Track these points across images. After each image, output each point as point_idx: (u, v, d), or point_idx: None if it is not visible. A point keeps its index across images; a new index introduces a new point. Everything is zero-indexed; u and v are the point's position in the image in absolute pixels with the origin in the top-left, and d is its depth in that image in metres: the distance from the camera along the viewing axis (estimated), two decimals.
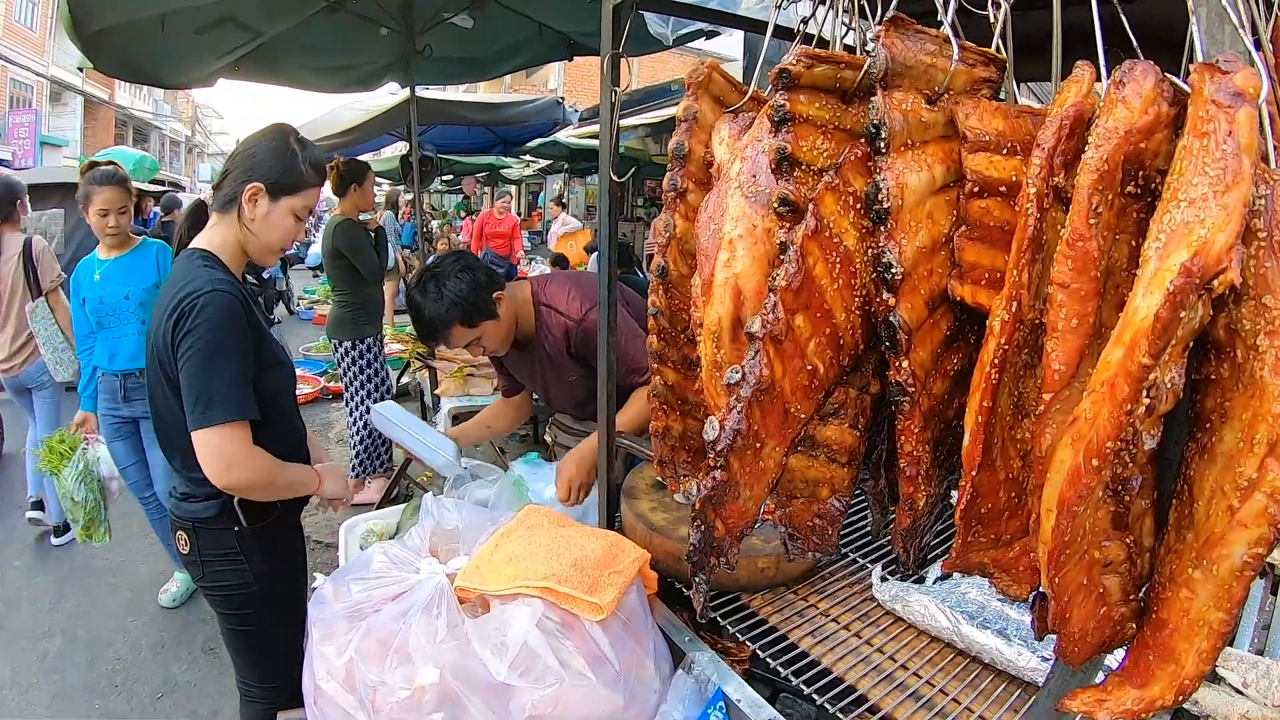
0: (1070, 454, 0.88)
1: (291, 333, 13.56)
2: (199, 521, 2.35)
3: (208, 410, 2.13)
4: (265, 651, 2.53)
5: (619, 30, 1.93)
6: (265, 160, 2.34)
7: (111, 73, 5.39)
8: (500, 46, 6.85)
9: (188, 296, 2.15)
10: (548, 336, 3.20)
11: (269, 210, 2.35)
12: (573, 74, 25.27)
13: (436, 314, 2.98)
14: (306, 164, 2.41)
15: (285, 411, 2.52)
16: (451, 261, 3.04)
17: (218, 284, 2.18)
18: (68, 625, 4.64)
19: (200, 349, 2.14)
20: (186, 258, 2.33)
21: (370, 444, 6.08)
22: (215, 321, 2.15)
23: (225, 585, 2.42)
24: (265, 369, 2.32)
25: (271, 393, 2.35)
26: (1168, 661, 0.99)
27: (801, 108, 1.16)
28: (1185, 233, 0.81)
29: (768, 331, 1.07)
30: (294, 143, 2.40)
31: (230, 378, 2.16)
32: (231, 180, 2.34)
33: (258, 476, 2.24)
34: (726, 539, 1.18)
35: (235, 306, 2.19)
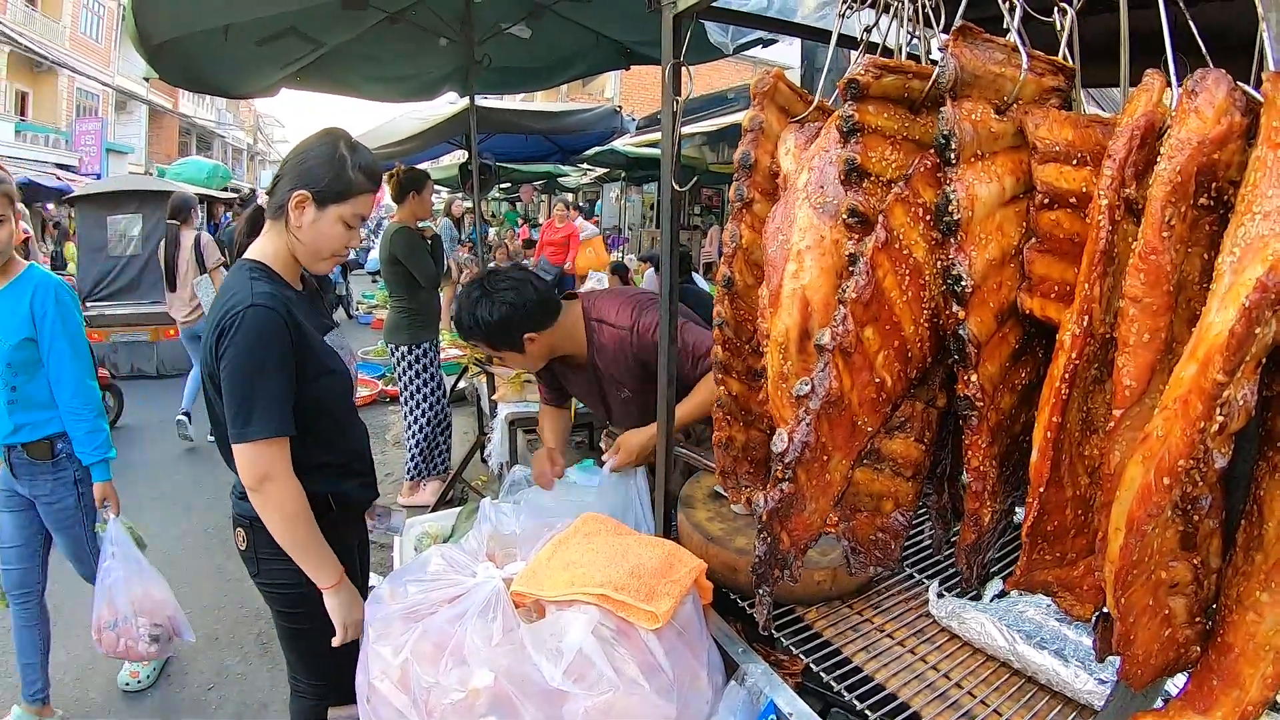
0: (1141, 472, 0.86)
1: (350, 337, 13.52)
2: (256, 519, 2.32)
3: (246, 427, 2.15)
4: (316, 649, 2.51)
5: (679, 39, 1.93)
6: (314, 167, 2.31)
7: (176, 83, 5.49)
8: (558, 56, 6.88)
9: (230, 311, 2.16)
10: (601, 353, 3.18)
11: (316, 218, 2.31)
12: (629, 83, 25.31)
13: (465, 323, 3.05)
14: (357, 170, 2.35)
15: (339, 420, 2.51)
16: (506, 287, 3.02)
17: (259, 298, 2.18)
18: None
19: (239, 365, 2.15)
20: (237, 268, 2.33)
21: (426, 447, 6.15)
22: (254, 337, 2.15)
23: (279, 583, 2.43)
24: (314, 379, 2.31)
25: (320, 402, 2.35)
26: (1232, 687, 0.97)
27: (870, 118, 1.15)
28: (1260, 246, 0.80)
29: (838, 344, 1.06)
30: (344, 148, 2.35)
31: (267, 394, 2.17)
32: (282, 187, 2.33)
33: (288, 502, 2.23)
34: (791, 551, 1.17)
35: (275, 320, 2.18)
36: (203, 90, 5.87)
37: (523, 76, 7.49)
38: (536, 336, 3.05)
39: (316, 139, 2.38)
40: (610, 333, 3.13)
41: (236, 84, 5.84)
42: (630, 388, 3.18)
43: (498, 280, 3.04)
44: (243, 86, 5.98)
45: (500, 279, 3.05)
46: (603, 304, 3.22)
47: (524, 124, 10.33)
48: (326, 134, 2.40)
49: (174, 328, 9.63)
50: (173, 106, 39.12)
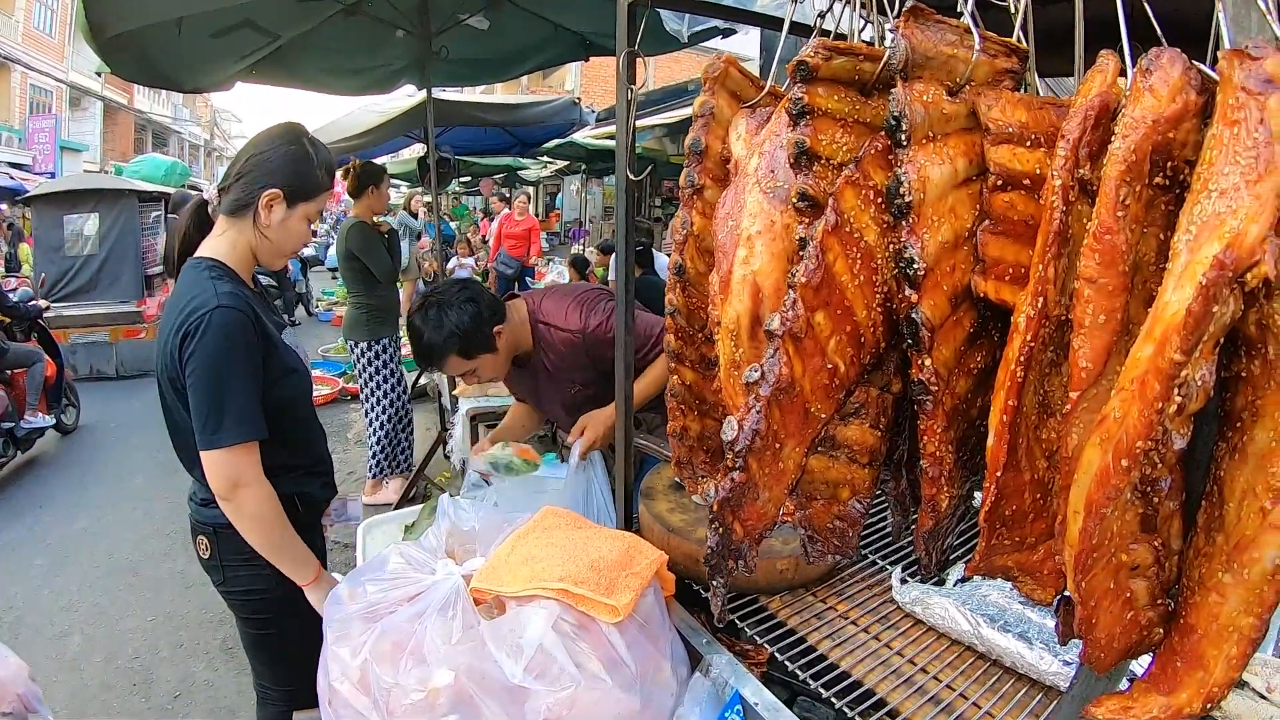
0: (1099, 454, 0.85)
1: (311, 334, 13.71)
2: (219, 526, 2.31)
3: (217, 432, 2.12)
4: (282, 655, 2.51)
5: (634, 28, 1.91)
6: (282, 166, 2.29)
7: (129, 77, 5.40)
8: (516, 47, 6.84)
9: (194, 313, 2.11)
10: (547, 353, 3.21)
11: (285, 216, 2.30)
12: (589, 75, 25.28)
13: (434, 342, 2.96)
14: (321, 168, 2.37)
15: (303, 420, 2.49)
16: (456, 291, 3.01)
17: (224, 299, 2.14)
18: (86, 624, 4.68)
19: (207, 368, 2.11)
20: (193, 267, 2.27)
21: (388, 444, 6.11)
22: (221, 339, 2.12)
23: (244, 589, 2.40)
24: (278, 379, 2.29)
25: (286, 401, 2.33)
26: (1195, 668, 0.96)
27: (820, 100, 1.14)
28: (1217, 224, 0.78)
29: (787, 329, 1.04)
30: (309, 146, 2.35)
31: (237, 397, 2.14)
32: (245, 184, 2.28)
33: (263, 506, 2.21)
34: (745, 542, 1.15)
35: (242, 321, 2.16)
36: (157, 85, 5.77)
37: (481, 68, 7.44)
38: (503, 329, 3.05)
39: (277, 136, 2.35)
40: (560, 335, 3.17)
41: (191, 78, 5.74)
42: (582, 381, 3.20)
43: (444, 290, 3.03)
44: (198, 80, 5.88)
45: (444, 290, 3.04)
46: (548, 306, 3.23)
47: (483, 116, 10.29)
48: (288, 130, 2.38)
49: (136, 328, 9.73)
50: (128, 102, 38.53)
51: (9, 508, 6.37)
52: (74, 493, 6.64)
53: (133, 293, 11.28)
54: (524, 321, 3.21)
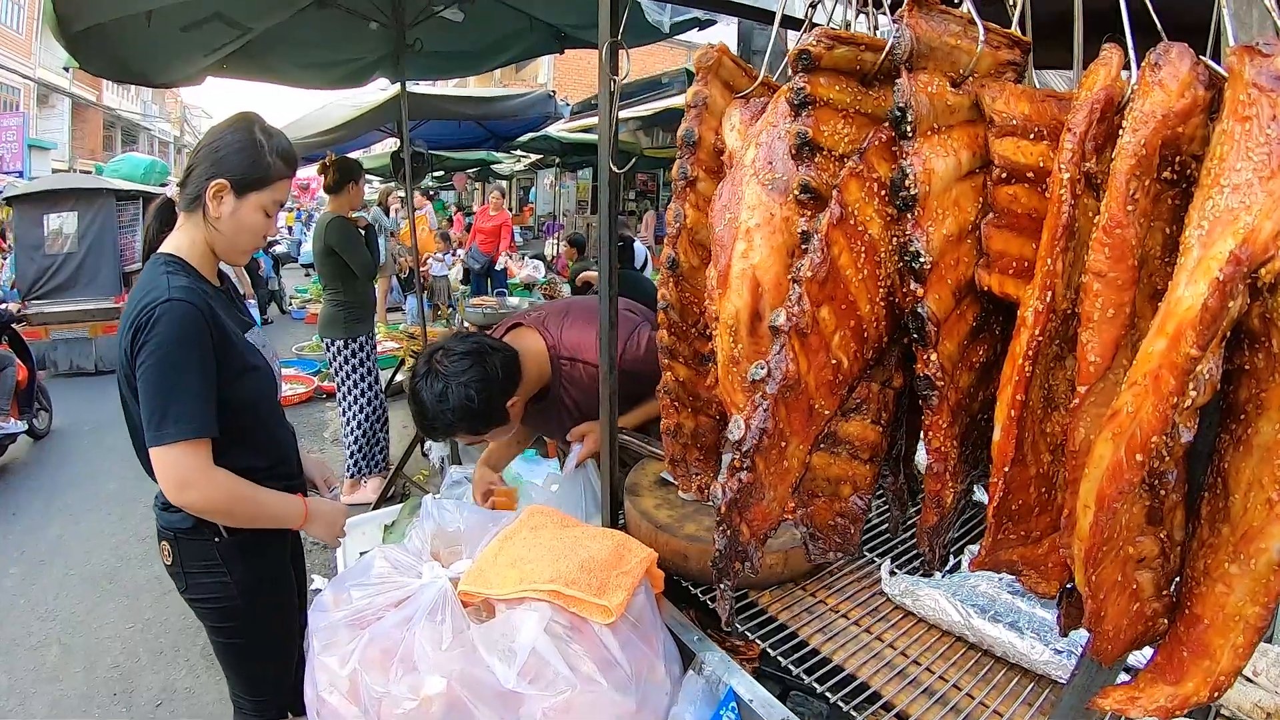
0: (1110, 449, 0.84)
1: (284, 332, 13.60)
2: (179, 532, 2.27)
3: (161, 428, 2.05)
4: (252, 664, 2.46)
5: (617, 18, 1.89)
6: (230, 155, 2.22)
7: (98, 72, 5.31)
8: (490, 40, 6.81)
9: (145, 307, 2.05)
10: (571, 387, 2.92)
11: (236, 207, 2.23)
12: (563, 67, 25.19)
13: (439, 422, 2.64)
14: (274, 155, 2.28)
15: (266, 420, 2.41)
16: (468, 366, 2.58)
17: (176, 292, 2.07)
18: (64, 633, 4.62)
19: (156, 362, 2.04)
20: (151, 264, 2.21)
21: (366, 443, 6.06)
22: (172, 333, 2.05)
23: (208, 597, 2.34)
24: (235, 377, 2.21)
25: (244, 401, 2.26)
26: (1202, 657, 0.96)
27: (822, 90, 1.12)
28: (1230, 219, 0.78)
29: (793, 325, 1.03)
30: (259, 133, 2.27)
31: (187, 393, 2.07)
32: (196, 177, 2.22)
33: (216, 499, 2.14)
34: (752, 543, 1.14)
35: (195, 316, 2.08)
36: (126, 80, 5.69)
37: (455, 61, 7.41)
38: (517, 398, 2.74)
39: (229, 125, 2.29)
40: (588, 371, 2.85)
41: (161, 72, 5.67)
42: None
43: (453, 361, 2.61)
44: (167, 75, 5.80)
45: (454, 358, 2.61)
46: (571, 338, 2.91)
47: (456, 110, 10.20)
48: (240, 119, 2.31)
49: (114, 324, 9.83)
50: (96, 99, 38.11)
51: None
52: (47, 499, 6.55)
53: (111, 289, 11.35)
54: (541, 359, 2.88)
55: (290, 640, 2.46)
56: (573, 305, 3.14)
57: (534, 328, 2.97)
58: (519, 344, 2.86)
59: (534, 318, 3.05)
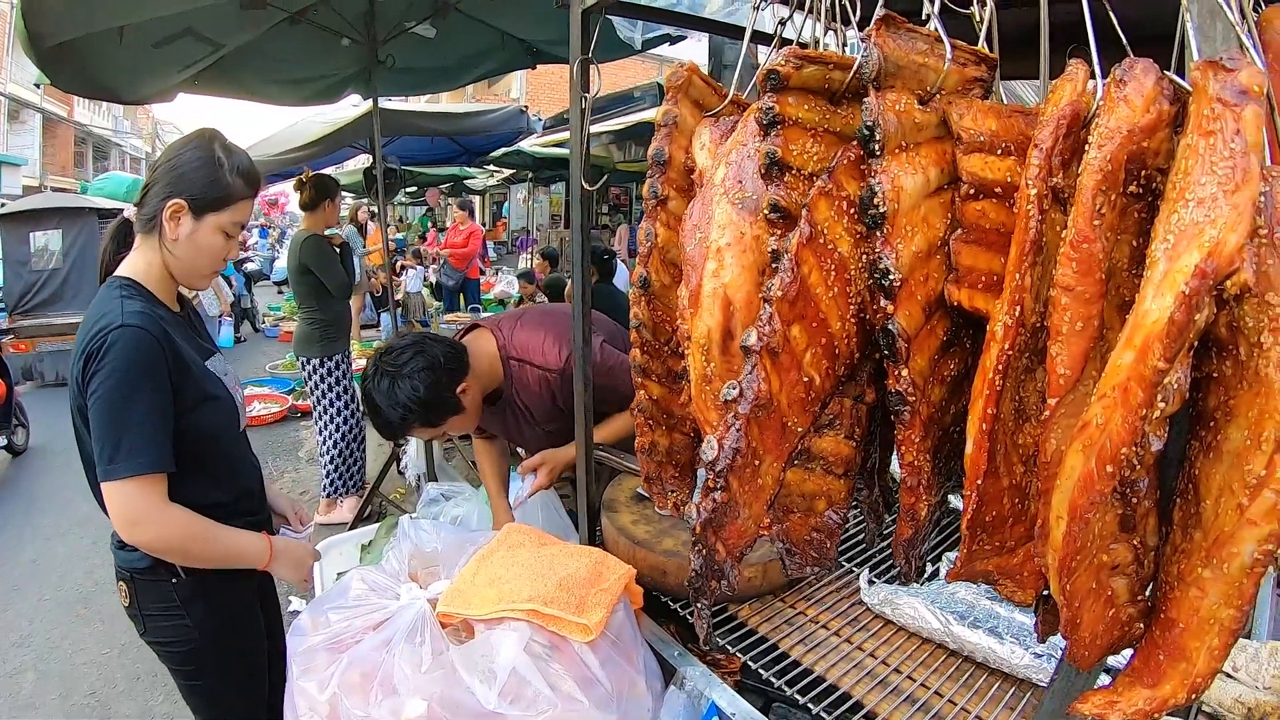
0: (1081, 460, 0.86)
1: (258, 350, 13.49)
2: (136, 572, 2.13)
3: (112, 462, 1.92)
4: (217, 705, 2.33)
5: (588, 35, 1.90)
6: (188, 173, 2.09)
7: (70, 89, 5.25)
8: (463, 56, 6.79)
9: (98, 333, 1.94)
10: (521, 391, 2.95)
11: (193, 229, 2.10)
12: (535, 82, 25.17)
13: (393, 417, 2.67)
14: (234, 174, 2.14)
15: (227, 453, 2.26)
16: (410, 357, 2.66)
17: (130, 318, 1.96)
18: (39, 660, 4.54)
19: (107, 393, 1.92)
20: (106, 287, 2.10)
21: (342, 462, 6.01)
22: (125, 361, 1.93)
23: (167, 640, 2.21)
24: (193, 407, 2.08)
25: (203, 433, 2.12)
26: (1179, 660, 0.97)
27: (791, 109, 1.13)
28: (1196, 233, 0.79)
29: (764, 344, 1.03)
30: (220, 150, 2.13)
31: (140, 425, 1.94)
32: (153, 196, 2.09)
33: (170, 537, 2.01)
34: (728, 561, 1.14)
35: (149, 343, 1.96)
36: (98, 96, 5.63)
37: (427, 77, 7.39)
38: (468, 384, 2.76)
39: (187, 143, 2.16)
40: (534, 374, 2.91)
41: (132, 88, 5.61)
42: (552, 425, 2.97)
43: (395, 356, 2.69)
44: (139, 91, 5.76)
45: (395, 353, 2.70)
46: (521, 339, 2.95)
47: (429, 126, 10.19)
48: (198, 136, 2.18)
49: None
50: (67, 115, 37.67)
51: None
52: (20, 522, 6.45)
53: None
54: (492, 358, 2.92)
55: (258, 677, 2.36)
56: (529, 310, 3.18)
57: (488, 328, 3.03)
58: (472, 342, 2.92)
59: (490, 320, 3.11)
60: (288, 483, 7.23)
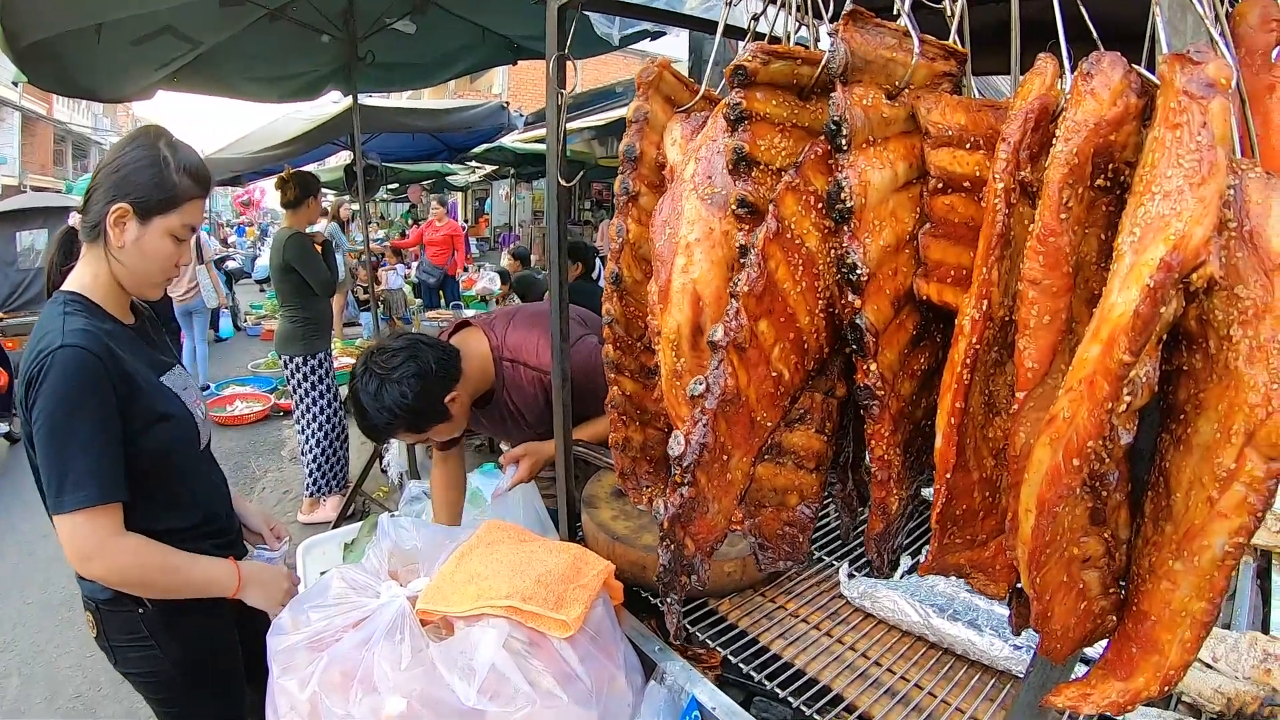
0: (1049, 454, 0.85)
1: (240, 349, 13.45)
2: (100, 603, 2.06)
3: (60, 495, 1.82)
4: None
5: (564, 31, 1.90)
6: (131, 174, 1.96)
7: (48, 87, 5.22)
8: (443, 51, 6.78)
9: (38, 355, 1.84)
10: (514, 392, 2.91)
11: (140, 234, 1.97)
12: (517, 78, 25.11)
13: (378, 421, 2.62)
14: (182, 173, 2.00)
15: (186, 474, 2.14)
16: (401, 362, 2.58)
17: (70, 337, 1.84)
18: (23, 664, 4.54)
19: (49, 419, 1.82)
20: (51, 304, 1.98)
21: (325, 460, 6.00)
22: (64, 385, 1.82)
23: (140, 671, 2.15)
24: (144, 429, 1.96)
25: (156, 455, 2.01)
26: (1151, 652, 0.98)
27: (758, 105, 1.13)
28: (1161, 226, 0.79)
29: (731, 339, 1.03)
30: (164, 148, 2.00)
31: (84, 454, 1.83)
32: (96, 201, 1.97)
33: (125, 570, 1.92)
34: (697, 556, 1.14)
35: (89, 363, 1.84)
36: (75, 94, 5.59)
37: (408, 73, 7.38)
38: (457, 393, 2.71)
39: (130, 141, 2.03)
40: (528, 374, 2.87)
41: (111, 86, 5.58)
42: (544, 428, 2.87)
43: (386, 358, 2.61)
44: (118, 89, 5.72)
45: (387, 355, 2.62)
46: (515, 339, 2.91)
47: (410, 122, 10.20)
48: (142, 134, 2.05)
49: None
50: (47, 113, 37.43)
51: None
52: (2, 527, 6.42)
53: None
54: (485, 358, 2.87)
55: (235, 699, 2.29)
56: (522, 309, 3.13)
57: (480, 327, 2.98)
58: (464, 343, 2.86)
59: (482, 318, 3.07)
60: (271, 482, 7.22)
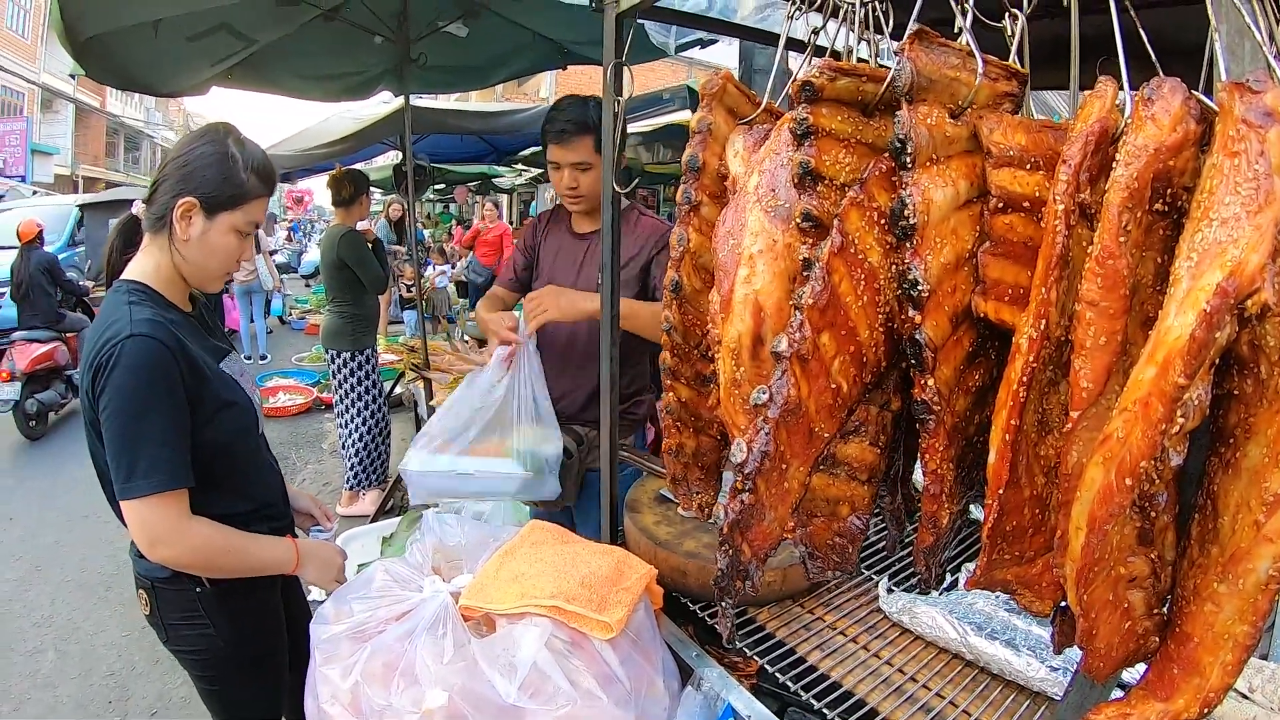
0: (1102, 473, 0.87)
1: (284, 342, 13.62)
2: (157, 581, 2.09)
3: (129, 480, 1.86)
4: (238, 709, 2.29)
5: (622, 39, 1.92)
6: (200, 169, 1.99)
7: (104, 80, 5.32)
8: (494, 55, 6.82)
9: (106, 344, 1.86)
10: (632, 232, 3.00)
11: (206, 229, 2.01)
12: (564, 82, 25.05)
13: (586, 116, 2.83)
14: (250, 171, 2.04)
15: (246, 460, 2.20)
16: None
17: (139, 326, 1.87)
18: (59, 640, 4.62)
19: (119, 408, 1.85)
20: (114, 292, 2.01)
21: (366, 455, 6.07)
22: (134, 374, 1.84)
23: (190, 649, 2.17)
24: (211, 416, 2.01)
25: (222, 442, 2.06)
26: (1192, 674, 0.98)
27: (824, 121, 1.15)
28: (1218, 252, 0.81)
29: (795, 351, 1.05)
30: (234, 145, 2.04)
31: (155, 440, 1.86)
32: (163, 193, 2.00)
33: (194, 553, 1.97)
34: (753, 562, 1.16)
35: (160, 352, 1.88)
36: (131, 88, 5.68)
37: (459, 75, 7.42)
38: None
39: (200, 137, 2.06)
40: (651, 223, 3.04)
41: (166, 81, 5.68)
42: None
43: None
44: (172, 84, 5.82)
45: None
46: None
47: (460, 124, 10.23)
48: (211, 130, 2.08)
49: None
50: (100, 105, 38.11)
51: None
52: (43, 504, 6.56)
53: None
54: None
55: (279, 680, 2.33)
56: None
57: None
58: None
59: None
60: (311, 474, 7.31)
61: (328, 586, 2.22)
